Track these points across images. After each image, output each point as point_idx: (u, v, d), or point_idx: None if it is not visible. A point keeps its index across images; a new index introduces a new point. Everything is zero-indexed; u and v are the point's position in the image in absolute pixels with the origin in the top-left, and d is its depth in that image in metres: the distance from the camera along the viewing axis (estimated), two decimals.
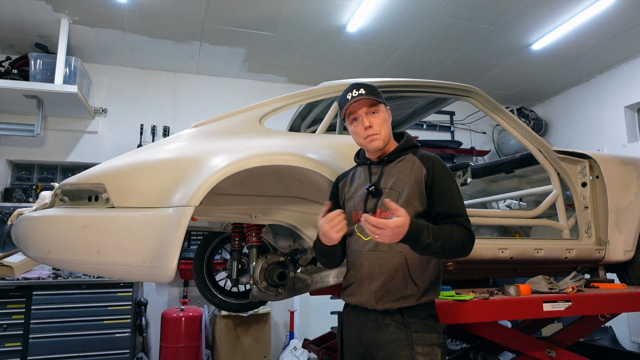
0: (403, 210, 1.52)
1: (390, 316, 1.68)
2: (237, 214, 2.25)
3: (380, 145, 1.81)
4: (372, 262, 1.74)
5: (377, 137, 1.80)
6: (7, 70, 4.63)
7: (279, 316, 5.43)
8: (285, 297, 2.40)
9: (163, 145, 2.22)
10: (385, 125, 1.81)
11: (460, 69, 5.68)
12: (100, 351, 4.18)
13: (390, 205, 1.54)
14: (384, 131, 1.81)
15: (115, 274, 2.04)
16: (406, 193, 1.72)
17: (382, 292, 1.69)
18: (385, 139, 1.81)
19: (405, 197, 1.72)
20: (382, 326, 1.69)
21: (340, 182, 1.98)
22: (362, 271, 1.76)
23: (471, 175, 3.81)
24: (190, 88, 5.74)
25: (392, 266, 1.69)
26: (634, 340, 5.10)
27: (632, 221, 2.88)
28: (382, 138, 1.80)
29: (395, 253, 1.70)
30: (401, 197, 1.73)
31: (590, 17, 4.50)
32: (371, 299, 1.71)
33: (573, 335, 2.64)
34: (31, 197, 4.94)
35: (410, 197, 1.72)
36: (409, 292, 1.68)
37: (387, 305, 1.68)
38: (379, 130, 1.79)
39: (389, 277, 1.69)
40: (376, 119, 1.80)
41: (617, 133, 5.66)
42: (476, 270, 2.68)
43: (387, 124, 1.83)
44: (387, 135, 1.82)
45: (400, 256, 1.69)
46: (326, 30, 4.75)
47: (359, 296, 1.76)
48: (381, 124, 1.80)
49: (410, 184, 1.74)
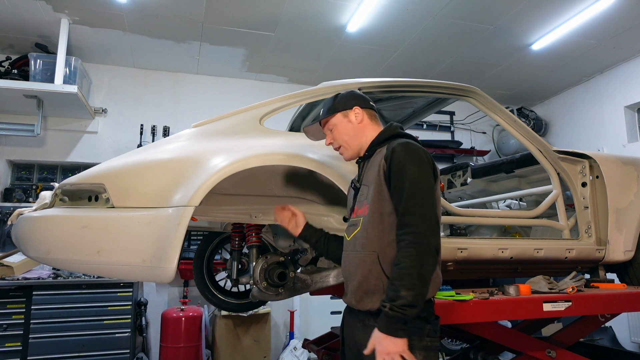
0: (370, 342, 1.50)
1: (374, 317, 1.62)
2: (237, 214, 2.25)
3: (349, 155, 1.87)
4: (350, 261, 1.74)
5: (341, 150, 1.88)
6: (7, 70, 4.63)
7: (279, 316, 5.43)
8: (285, 297, 2.40)
9: (163, 145, 2.22)
10: (344, 134, 1.84)
11: (460, 69, 5.68)
12: (100, 351, 4.18)
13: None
14: (348, 141, 1.85)
15: (115, 274, 2.04)
16: (373, 188, 1.69)
17: (361, 293, 1.67)
18: (352, 146, 1.85)
19: (372, 192, 1.68)
20: (368, 327, 1.63)
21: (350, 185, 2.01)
22: (345, 271, 1.77)
23: (471, 175, 3.81)
24: (190, 88, 5.74)
25: (366, 266, 1.65)
26: (634, 340, 5.10)
27: (632, 221, 2.88)
28: (347, 149, 1.86)
29: (368, 252, 1.65)
30: (369, 193, 1.70)
31: (590, 17, 4.50)
32: (352, 300, 1.71)
33: (573, 335, 2.64)
34: (31, 197, 4.94)
35: (375, 192, 1.66)
36: (385, 292, 1.58)
37: (367, 305, 1.65)
38: (339, 143, 1.87)
39: (364, 277, 1.65)
40: (335, 134, 1.87)
41: (617, 133, 5.66)
42: (476, 270, 2.68)
43: (346, 131, 1.84)
44: (352, 142, 1.84)
45: (373, 255, 1.63)
46: (326, 30, 4.75)
47: (346, 297, 1.77)
48: (340, 136, 1.86)
49: (375, 179, 1.69)
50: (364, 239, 1.67)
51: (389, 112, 3.30)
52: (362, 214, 1.71)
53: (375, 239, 1.64)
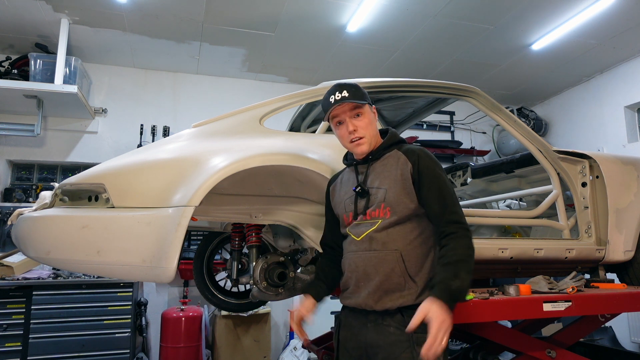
0: (422, 310, 1.48)
1: (390, 317, 1.64)
2: (237, 214, 2.25)
3: (366, 149, 1.78)
4: (367, 262, 1.71)
5: (362, 141, 1.76)
6: (7, 70, 4.63)
7: (279, 316, 5.43)
8: (285, 297, 2.40)
9: (163, 145, 2.22)
10: (370, 128, 1.78)
11: (460, 69, 5.68)
12: (100, 351, 4.18)
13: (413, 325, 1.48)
14: (369, 134, 1.77)
15: (115, 274, 2.04)
16: (394, 190, 1.70)
17: (380, 292, 1.66)
18: (371, 141, 1.79)
19: (393, 194, 1.69)
20: (382, 327, 1.65)
21: (330, 187, 1.99)
22: (359, 272, 1.74)
23: (471, 175, 3.81)
24: (190, 88, 5.74)
25: (388, 265, 1.66)
26: (634, 340, 5.10)
27: (632, 221, 2.88)
28: (367, 141, 1.77)
29: (390, 251, 1.66)
30: (388, 195, 1.70)
31: (590, 17, 4.50)
32: (369, 300, 1.69)
33: (573, 335, 2.63)
34: (31, 197, 4.94)
35: (399, 194, 1.69)
36: (407, 290, 1.64)
37: (386, 305, 1.65)
38: (363, 133, 1.76)
39: (386, 276, 1.66)
40: (360, 122, 1.75)
41: (617, 133, 5.66)
42: (476, 270, 2.65)
43: (372, 125, 1.79)
44: (372, 137, 1.80)
45: (396, 254, 1.65)
46: (326, 30, 4.75)
47: (357, 298, 1.74)
48: (366, 127, 1.76)
49: (397, 181, 1.71)
50: (385, 238, 1.68)
51: (389, 112, 3.30)
52: (380, 216, 1.71)
53: (398, 238, 1.67)
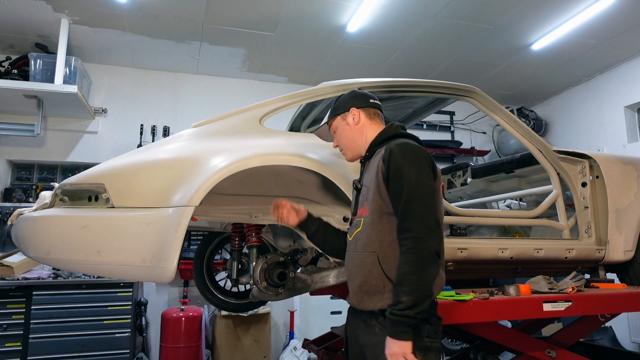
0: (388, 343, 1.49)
1: (375, 317, 1.63)
2: (237, 214, 2.25)
3: (349, 157, 1.91)
4: (352, 262, 1.74)
5: (342, 152, 1.93)
6: (7, 70, 4.63)
7: (279, 316, 5.43)
8: (285, 297, 2.40)
9: (163, 145, 2.22)
10: (344, 138, 1.88)
11: (460, 69, 5.68)
12: (100, 351, 4.18)
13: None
14: (345, 144, 1.89)
15: (115, 274, 2.04)
16: (372, 189, 1.68)
17: (362, 294, 1.67)
18: (351, 148, 1.88)
19: (371, 193, 1.68)
20: (370, 327, 1.66)
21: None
22: (348, 272, 1.77)
23: (471, 175, 3.81)
24: (190, 88, 5.74)
25: (366, 267, 1.64)
26: (634, 340, 5.10)
27: (632, 221, 2.88)
28: (348, 151, 1.89)
29: (368, 253, 1.64)
30: (368, 194, 1.70)
31: (590, 17, 4.50)
32: (354, 300, 1.72)
33: (573, 335, 2.64)
34: (31, 197, 4.94)
35: (374, 193, 1.66)
36: (387, 293, 1.59)
37: (368, 306, 1.65)
38: (340, 146, 1.92)
39: (364, 278, 1.65)
40: (338, 137, 1.92)
41: (617, 133, 5.66)
42: (476, 270, 2.68)
43: (345, 134, 1.88)
44: (350, 144, 1.88)
45: (373, 256, 1.63)
46: (326, 30, 4.75)
47: (349, 297, 1.77)
48: (340, 139, 1.90)
49: (374, 180, 1.68)
50: (365, 240, 1.67)
51: (389, 112, 3.30)
52: (363, 214, 1.72)
53: (375, 240, 1.64)
